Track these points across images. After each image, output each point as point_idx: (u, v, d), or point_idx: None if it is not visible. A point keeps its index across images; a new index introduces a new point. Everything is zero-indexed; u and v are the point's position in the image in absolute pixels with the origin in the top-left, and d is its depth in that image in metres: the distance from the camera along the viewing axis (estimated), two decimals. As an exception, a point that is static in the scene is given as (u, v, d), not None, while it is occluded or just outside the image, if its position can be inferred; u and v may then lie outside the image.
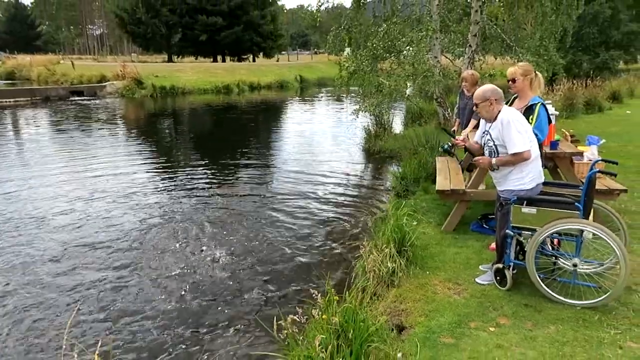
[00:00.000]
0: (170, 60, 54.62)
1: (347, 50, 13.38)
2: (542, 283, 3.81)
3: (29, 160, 11.34)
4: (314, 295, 3.12)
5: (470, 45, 10.73)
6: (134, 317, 4.43)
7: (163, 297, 4.78)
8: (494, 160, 4.02)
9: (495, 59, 12.63)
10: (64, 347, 3.63)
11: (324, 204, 7.70)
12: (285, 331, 2.94)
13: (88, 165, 10.70)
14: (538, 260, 3.85)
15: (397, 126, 14.08)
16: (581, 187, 3.98)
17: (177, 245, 6.06)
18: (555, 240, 4.04)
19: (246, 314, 4.47)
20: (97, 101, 24.98)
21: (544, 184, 3.97)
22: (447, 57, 13.06)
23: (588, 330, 3.38)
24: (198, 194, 8.40)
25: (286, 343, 3.04)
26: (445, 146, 4.53)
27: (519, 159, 3.80)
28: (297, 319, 2.92)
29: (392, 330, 3.63)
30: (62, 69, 35.76)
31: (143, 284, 5.05)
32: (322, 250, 5.88)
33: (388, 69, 11.77)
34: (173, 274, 5.26)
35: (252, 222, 6.87)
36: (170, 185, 9.07)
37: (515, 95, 4.64)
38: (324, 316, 3.03)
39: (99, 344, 3.68)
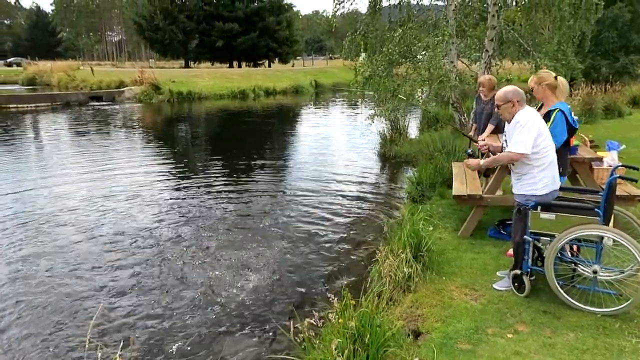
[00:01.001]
0: (187, 66, 55.27)
1: (363, 55, 13.38)
2: (561, 290, 3.76)
3: (48, 162, 11.58)
4: (330, 299, 3.12)
5: (487, 50, 10.66)
6: (152, 319, 4.48)
7: (180, 299, 4.83)
8: (481, 162, 4.03)
9: (513, 63, 12.51)
10: (86, 347, 3.67)
11: (339, 209, 7.70)
12: (302, 334, 2.95)
13: (106, 168, 10.87)
14: (557, 267, 3.81)
15: (413, 131, 14.03)
16: (601, 193, 3.93)
17: (193, 248, 6.11)
18: (575, 247, 3.99)
19: (262, 316, 4.50)
20: (116, 106, 25.35)
21: (562, 189, 3.93)
22: (463, 62, 12.98)
23: (608, 338, 3.32)
24: (214, 198, 8.46)
25: (302, 347, 3.04)
26: (469, 151, 4.51)
27: (506, 158, 3.78)
28: (314, 323, 2.92)
29: (409, 335, 3.61)
30: (81, 74, 36.42)
31: (159, 286, 5.10)
32: (338, 254, 5.88)
33: (404, 73, 11.74)
34: (190, 277, 5.31)
35: (267, 225, 6.91)
36: (186, 189, 9.16)
37: (541, 104, 4.58)
38: (340, 320, 3.04)
39: (120, 344, 3.72)
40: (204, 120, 21.74)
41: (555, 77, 4.36)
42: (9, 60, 61.22)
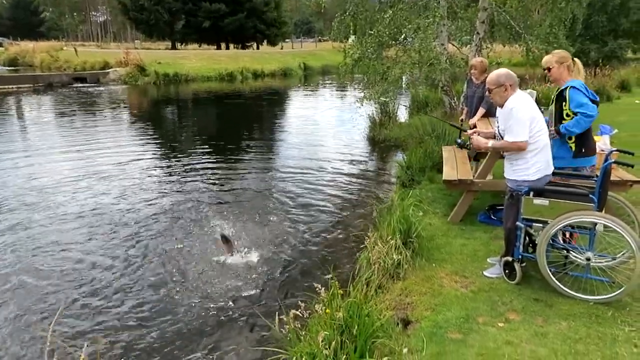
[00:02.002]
0: (173, 47, 54.28)
1: (352, 37, 13.14)
2: (553, 277, 3.68)
3: (31, 146, 11.26)
4: (317, 289, 3.00)
5: (478, 33, 10.51)
6: (129, 310, 4.33)
7: (156, 288, 4.67)
8: (490, 143, 3.89)
9: (504, 46, 12.38)
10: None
11: (328, 194, 7.58)
12: (287, 326, 2.83)
13: (89, 150, 10.63)
14: (549, 254, 3.72)
15: (403, 115, 13.89)
16: (595, 178, 3.84)
17: (174, 234, 5.95)
18: (567, 233, 3.90)
19: (246, 307, 4.35)
20: (100, 88, 24.83)
21: (555, 174, 3.83)
22: (454, 45, 12.81)
23: (601, 327, 3.25)
24: (200, 182, 8.31)
25: (288, 338, 2.93)
26: (459, 140, 4.38)
27: (515, 146, 3.68)
28: (300, 314, 2.80)
29: (398, 324, 3.52)
30: (65, 55, 35.62)
31: (139, 275, 4.94)
32: (326, 241, 5.77)
33: (394, 56, 11.55)
34: (169, 265, 5.15)
35: (252, 211, 6.75)
36: (172, 172, 9.00)
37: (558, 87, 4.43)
38: (327, 310, 2.92)
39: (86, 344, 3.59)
40: (191, 102, 21.38)
41: (573, 59, 4.24)
42: (-11, 40, 59.62)
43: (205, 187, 8.05)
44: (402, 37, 10.86)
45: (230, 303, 4.42)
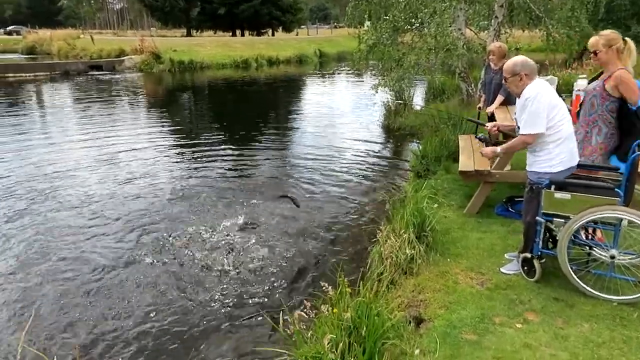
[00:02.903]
0: (189, 34, 54.24)
1: (367, 23, 12.86)
2: (574, 275, 3.49)
3: (47, 133, 11.37)
4: (324, 287, 2.85)
5: (496, 17, 10.16)
6: (130, 308, 4.21)
7: (165, 284, 4.54)
8: (498, 149, 3.74)
9: (523, 31, 11.97)
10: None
11: (340, 184, 7.42)
12: (292, 327, 2.70)
13: (106, 138, 10.63)
14: (570, 250, 3.53)
15: (418, 102, 13.60)
16: (620, 170, 3.62)
17: (185, 223, 5.87)
18: (590, 229, 3.69)
19: (249, 305, 4.19)
20: (116, 76, 24.88)
21: (580, 166, 3.61)
22: (471, 30, 12.45)
23: (626, 330, 3.06)
24: (214, 169, 8.31)
25: (293, 339, 2.80)
26: (481, 136, 4.17)
27: (521, 142, 3.50)
28: (305, 315, 2.67)
29: (410, 323, 3.37)
30: (81, 43, 35.72)
31: (146, 269, 4.86)
32: (336, 234, 5.61)
33: (409, 42, 11.25)
34: (178, 256, 5.07)
35: (261, 201, 6.62)
36: (187, 159, 9.02)
37: (601, 71, 4.12)
38: (334, 310, 2.78)
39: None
40: (206, 89, 21.30)
41: (624, 40, 3.83)
42: (8, 28, 60.24)
43: (219, 174, 8.03)
44: (419, 21, 10.54)
45: (233, 299, 4.27)
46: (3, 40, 46.96)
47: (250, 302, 4.24)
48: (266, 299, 4.28)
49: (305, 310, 2.68)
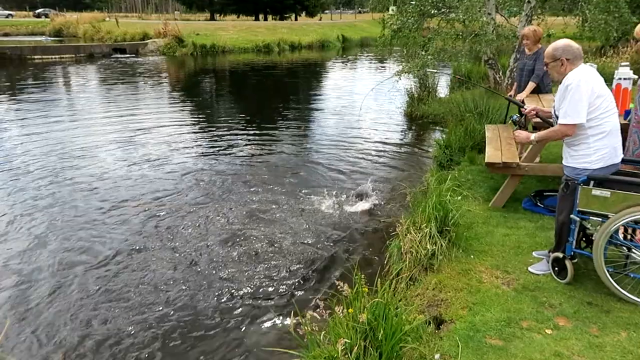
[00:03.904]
0: (212, 18, 54.08)
1: (392, 8, 12.49)
2: (611, 278, 3.22)
3: (72, 113, 11.48)
4: (339, 286, 2.65)
5: (529, 1, 9.70)
6: (134, 303, 4.01)
7: (172, 279, 4.34)
8: (532, 136, 3.45)
9: (557, 17, 11.44)
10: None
11: (359, 173, 7.19)
12: (305, 328, 2.51)
13: (126, 120, 10.64)
14: (606, 252, 3.26)
15: (443, 89, 13.20)
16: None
17: (197, 213, 5.73)
18: (629, 229, 3.41)
19: (261, 304, 3.92)
20: (138, 59, 24.92)
21: (623, 161, 3.32)
22: (502, 15, 11.95)
23: (668, 341, 2.80)
24: (233, 154, 8.24)
25: (305, 341, 2.62)
26: (515, 117, 3.88)
27: (559, 133, 3.23)
28: (317, 316, 2.48)
29: (429, 323, 3.16)
30: (107, 26, 35.89)
31: (153, 259, 4.71)
32: (353, 226, 5.36)
33: (435, 27, 10.86)
34: (188, 246, 4.91)
35: (280, 189, 6.45)
36: (206, 144, 8.93)
37: None
38: (350, 310, 2.59)
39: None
40: (228, 74, 21.14)
41: None
42: (37, 11, 60.90)
43: (238, 159, 7.94)
44: (446, 6, 10.14)
45: (242, 298, 4.03)
46: (32, 23, 47.46)
47: (261, 300, 4.00)
48: (278, 298, 4.02)
49: (318, 310, 2.49)
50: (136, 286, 4.20)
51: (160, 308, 3.90)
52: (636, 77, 4.61)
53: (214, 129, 10.14)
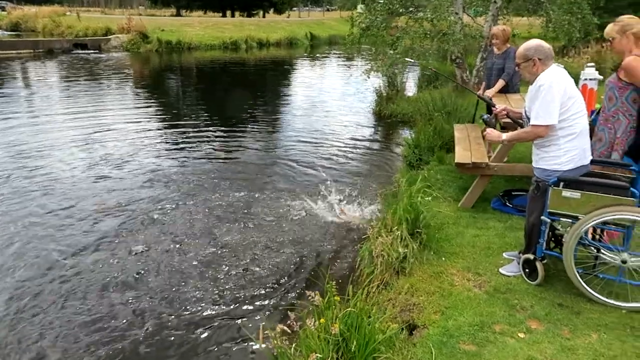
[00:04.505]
0: (178, 14, 53.04)
1: (361, 6, 12.45)
2: (581, 280, 3.23)
3: (29, 111, 10.93)
4: (310, 297, 2.54)
5: (495, 1, 9.81)
6: (85, 313, 3.77)
7: (134, 288, 4.13)
8: (504, 136, 3.43)
9: (522, 17, 11.62)
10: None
11: (329, 174, 7.09)
12: (274, 341, 2.40)
13: (87, 119, 10.21)
14: (576, 253, 3.26)
15: (411, 88, 13.25)
16: (633, 167, 3.35)
17: (158, 215, 5.53)
18: (597, 230, 3.42)
19: (227, 317, 3.69)
20: (101, 55, 24.17)
21: (592, 162, 3.32)
22: (468, 15, 12.06)
23: (638, 342, 2.81)
24: (197, 154, 8.00)
25: (275, 355, 2.50)
26: (486, 116, 3.85)
27: (531, 134, 3.21)
28: (287, 330, 2.36)
29: (402, 330, 3.09)
30: (67, 21, 34.66)
31: (113, 269, 4.45)
32: (324, 230, 5.21)
33: (404, 25, 10.87)
34: (144, 258, 4.66)
35: (246, 193, 6.24)
36: (171, 142, 8.69)
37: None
38: (321, 320, 2.49)
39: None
40: (194, 71, 20.72)
41: None
42: (-8, 4, 58.46)
43: (204, 158, 7.76)
44: (414, 4, 10.15)
45: (205, 310, 3.78)
46: (-14, 16, 45.53)
47: (227, 313, 3.76)
48: (245, 310, 3.79)
49: (288, 322, 2.38)
50: (92, 298, 3.95)
51: (117, 322, 3.65)
52: (601, 77, 4.66)
53: (179, 127, 9.88)
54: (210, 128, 9.85)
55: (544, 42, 3.23)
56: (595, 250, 3.34)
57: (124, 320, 3.66)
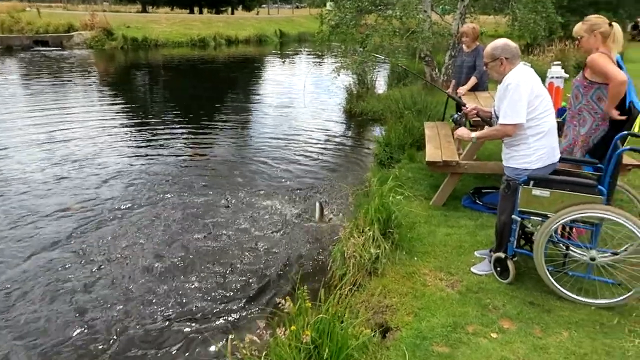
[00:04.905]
0: (144, 10, 51.87)
1: (330, 4, 12.39)
2: (551, 278, 3.24)
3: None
4: (280, 304, 2.46)
5: (462, 0, 9.89)
6: (43, 320, 3.62)
7: (95, 297, 3.96)
8: (473, 134, 3.43)
9: (489, 15, 11.78)
10: None
11: (300, 172, 7.02)
12: (244, 351, 2.30)
13: (49, 119, 9.80)
14: (546, 251, 3.28)
15: (381, 86, 13.27)
16: (600, 165, 3.39)
17: (123, 217, 5.35)
18: (567, 227, 3.45)
19: (192, 327, 3.53)
20: (63, 52, 23.39)
21: (561, 159, 3.34)
22: (437, 13, 12.16)
23: (608, 339, 2.84)
24: (164, 153, 7.78)
25: (243, 365, 2.40)
26: (456, 116, 3.83)
27: (500, 133, 3.22)
28: (257, 338, 2.27)
29: (375, 332, 3.04)
30: (27, 16, 33.40)
31: (72, 277, 4.24)
32: (295, 231, 5.11)
33: (373, 23, 10.86)
34: (106, 264, 4.48)
35: (215, 191, 6.14)
36: (136, 144, 8.41)
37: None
38: (292, 328, 2.41)
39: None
40: (161, 69, 20.26)
41: (610, 24, 3.54)
42: (-54, -2, 55.96)
43: (171, 157, 7.58)
44: (384, 2, 10.14)
45: (171, 321, 3.60)
46: (-62, 11, 43.53)
47: (193, 322, 3.59)
48: (212, 319, 3.64)
49: (258, 331, 2.29)
50: (44, 308, 3.75)
51: (76, 333, 3.47)
52: (567, 75, 4.72)
53: (146, 126, 9.63)
54: (178, 127, 9.64)
55: (510, 42, 3.23)
56: (564, 248, 3.37)
57: (80, 336, 3.46)
